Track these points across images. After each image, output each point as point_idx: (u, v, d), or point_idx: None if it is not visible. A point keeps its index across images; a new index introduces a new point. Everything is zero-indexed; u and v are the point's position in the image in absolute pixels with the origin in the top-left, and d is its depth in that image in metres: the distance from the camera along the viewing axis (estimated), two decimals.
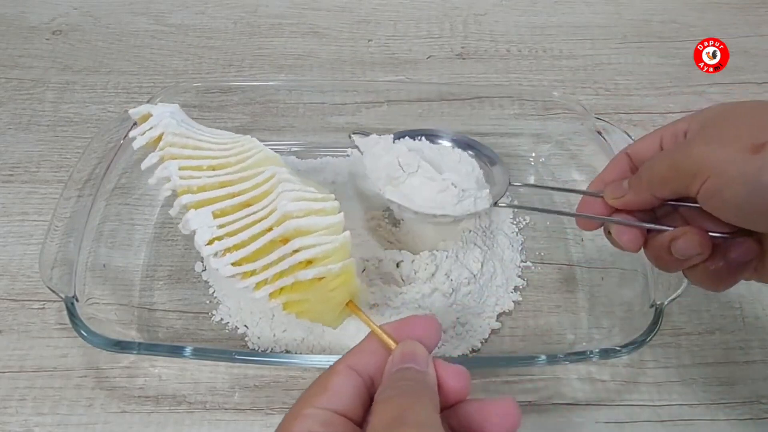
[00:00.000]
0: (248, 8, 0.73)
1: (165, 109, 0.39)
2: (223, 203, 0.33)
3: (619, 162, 0.37)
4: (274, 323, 0.44)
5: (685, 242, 0.32)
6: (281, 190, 0.32)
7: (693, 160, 0.31)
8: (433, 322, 0.28)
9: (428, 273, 0.44)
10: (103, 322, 0.41)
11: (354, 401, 0.25)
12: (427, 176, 0.43)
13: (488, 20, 0.73)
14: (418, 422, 0.22)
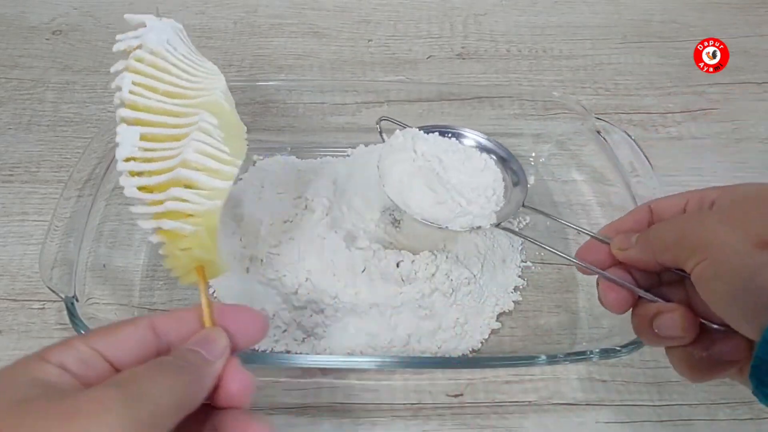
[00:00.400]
0: (248, 8, 0.73)
1: (161, 25, 0.39)
2: (155, 129, 0.33)
3: (639, 214, 0.35)
4: (274, 323, 0.44)
5: (668, 320, 0.30)
6: (194, 138, 0.32)
7: (698, 235, 0.29)
8: (259, 320, 0.28)
9: (428, 273, 0.44)
10: (103, 322, 0.41)
11: (131, 356, 0.25)
12: (428, 185, 0.42)
13: (488, 20, 0.73)
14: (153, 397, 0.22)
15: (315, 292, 0.43)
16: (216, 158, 0.32)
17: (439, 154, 0.44)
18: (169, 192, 0.30)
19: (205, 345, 0.26)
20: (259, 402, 0.42)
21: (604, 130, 0.50)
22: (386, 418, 0.42)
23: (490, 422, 0.42)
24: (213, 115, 0.34)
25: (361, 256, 0.44)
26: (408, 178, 0.42)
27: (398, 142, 0.44)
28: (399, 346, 0.43)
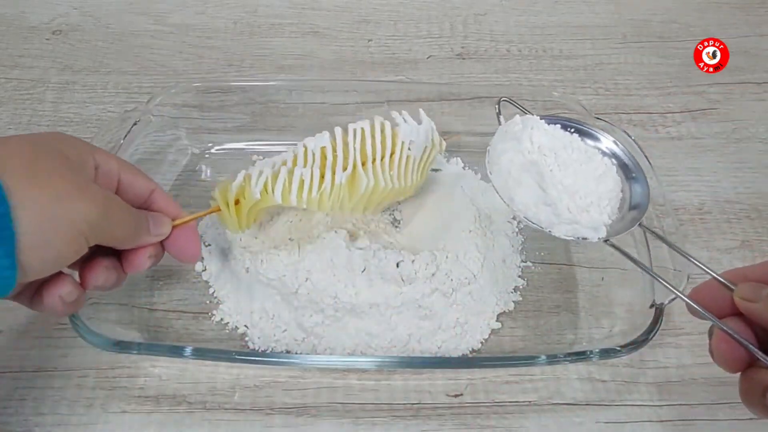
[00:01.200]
0: (248, 8, 0.73)
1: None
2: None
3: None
4: (273, 323, 0.44)
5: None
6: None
7: None
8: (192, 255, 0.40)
9: (428, 273, 0.44)
10: (103, 322, 0.41)
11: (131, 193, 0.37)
12: (538, 182, 0.39)
13: (488, 20, 0.73)
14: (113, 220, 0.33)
15: (315, 292, 0.43)
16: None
17: (557, 149, 0.40)
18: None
19: (157, 224, 0.37)
20: (259, 402, 0.42)
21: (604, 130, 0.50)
22: (386, 418, 0.42)
23: (490, 422, 0.42)
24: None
25: (361, 256, 0.44)
26: (517, 170, 0.39)
27: (514, 130, 0.41)
28: (399, 346, 0.43)
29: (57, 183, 0.30)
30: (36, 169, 0.30)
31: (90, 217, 0.31)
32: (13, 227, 0.28)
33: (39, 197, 0.29)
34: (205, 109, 0.56)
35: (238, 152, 0.57)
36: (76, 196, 0.31)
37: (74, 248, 0.31)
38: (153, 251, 0.37)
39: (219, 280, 0.47)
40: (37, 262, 0.30)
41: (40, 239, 0.29)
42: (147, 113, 0.51)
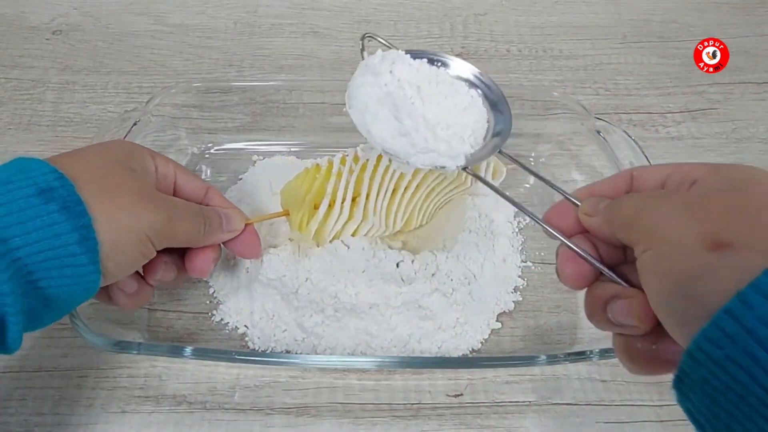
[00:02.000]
0: (248, 8, 0.73)
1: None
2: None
3: (618, 179, 0.32)
4: (273, 323, 0.44)
5: (624, 306, 0.27)
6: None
7: (652, 219, 0.26)
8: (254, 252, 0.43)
9: (428, 273, 0.44)
10: (103, 322, 0.41)
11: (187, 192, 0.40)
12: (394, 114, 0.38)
13: (488, 20, 0.73)
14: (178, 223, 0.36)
15: (315, 292, 0.43)
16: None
17: (420, 82, 0.40)
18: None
19: (230, 221, 0.40)
20: (259, 402, 0.42)
21: (604, 130, 0.50)
22: (386, 418, 0.42)
23: (490, 422, 0.42)
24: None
25: (361, 256, 0.44)
26: (374, 103, 0.39)
27: (374, 63, 0.40)
28: (399, 346, 0.43)
29: (125, 196, 0.34)
30: (108, 183, 0.34)
31: (155, 225, 0.34)
32: (96, 237, 0.31)
33: (111, 210, 0.32)
34: (205, 109, 0.56)
35: (238, 152, 0.57)
36: (142, 206, 0.34)
37: (140, 251, 0.34)
38: (216, 255, 0.40)
39: (219, 280, 0.47)
40: (113, 268, 0.33)
41: (114, 247, 0.32)
42: (147, 113, 0.51)
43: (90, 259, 0.31)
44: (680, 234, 0.24)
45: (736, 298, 0.21)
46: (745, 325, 0.21)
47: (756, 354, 0.21)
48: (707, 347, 0.22)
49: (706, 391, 0.23)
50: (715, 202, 0.25)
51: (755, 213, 0.24)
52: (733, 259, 0.23)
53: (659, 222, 0.26)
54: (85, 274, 0.31)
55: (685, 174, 0.29)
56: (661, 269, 0.25)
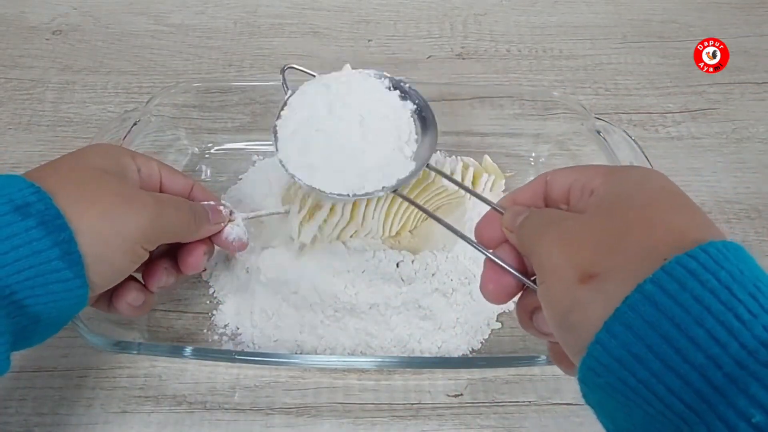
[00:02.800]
0: (248, 8, 0.73)
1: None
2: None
3: (536, 186, 0.32)
4: (273, 323, 0.44)
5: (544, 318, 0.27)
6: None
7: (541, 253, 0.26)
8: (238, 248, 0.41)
9: (428, 273, 0.44)
10: (103, 322, 0.41)
11: (173, 189, 0.39)
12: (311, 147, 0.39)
13: (488, 20, 0.73)
14: (168, 216, 0.35)
15: (315, 292, 0.43)
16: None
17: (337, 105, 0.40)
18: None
19: (214, 213, 0.39)
20: (259, 402, 0.42)
21: (604, 130, 0.50)
22: (386, 418, 0.42)
23: (490, 422, 0.42)
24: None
25: (361, 256, 0.44)
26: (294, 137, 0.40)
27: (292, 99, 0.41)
28: (399, 346, 0.43)
29: (107, 202, 0.32)
30: (88, 191, 0.32)
31: (142, 225, 0.33)
32: (79, 250, 0.30)
33: (93, 219, 0.31)
34: (205, 109, 0.56)
35: (238, 152, 0.57)
36: (124, 208, 0.33)
37: (130, 258, 0.33)
38: (207, 248, 0.39)
39: (219, 280, 0.47)
40: (99, 278, 0.32)
41: (101, 258, 0.31)
42: (147, 113, 0.51)
43: (75, 273, 0.30)
44: (558, 268, 0.25)
45: (603, 329, 0.22)
46: (614, 355, 0.22)
47: (628, 381, 0.22)
48: (590, 375, 0.23)
49: (603, 410, 0.24)
50: (591, 229, 0.26)
51: (622, 239, 0.24)
52: (599, 290, 0.23)
53: (544, 255, 0.26)
54: (71, 289, 0.30)
55: (585, 183, 0.29)
56: (548, 303, 0.26)
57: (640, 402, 0.22)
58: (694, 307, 0.21)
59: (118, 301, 0.37)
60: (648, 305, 0.21)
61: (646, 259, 0.23)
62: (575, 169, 0.30)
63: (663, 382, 0.21)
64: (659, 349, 0.21)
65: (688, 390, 0.20)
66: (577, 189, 0.29)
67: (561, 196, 0.30)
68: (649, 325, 0.21)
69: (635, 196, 0.26)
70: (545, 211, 0.30)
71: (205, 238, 0.39)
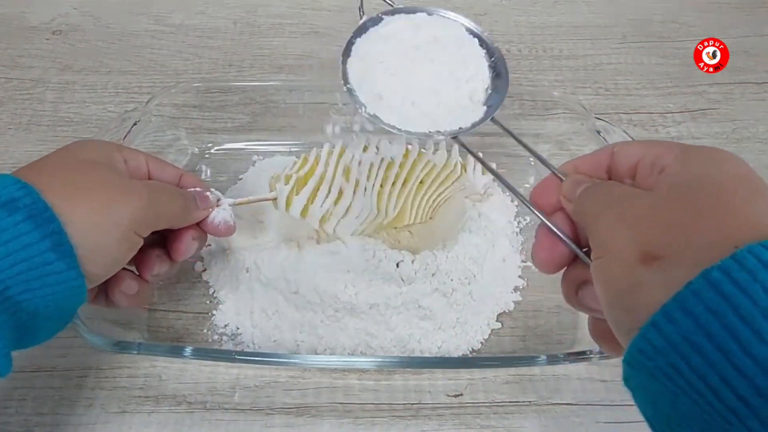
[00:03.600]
0: (248, 8, 0.73)
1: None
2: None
3: (600, 156, 0.31)
4: (273, 323, 0.44)
5: (591, 292, 0.28)
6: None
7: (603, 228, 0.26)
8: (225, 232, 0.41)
9: (428, 273, 0.44)
10: (103, 322, 0.41)
11: (162, 179, 0.39)
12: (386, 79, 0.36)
13: (488, 20, 0.73)
14: (161, 203, 0.35)
15: (315, 292, 0.43)
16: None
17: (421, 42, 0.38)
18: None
19: (201, 199, 0.39)
20: (259, 402, 0.42)
21: (604, 130, 0.50)
22: (386, 418, 0.42)
23: (490, 422, 0.42)
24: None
25: (361, 256, 0.44)
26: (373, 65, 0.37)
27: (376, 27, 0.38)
28: (399, 346, 0.43)
29: (97, 192, 0.32)
30: (76, 183, 0.32)
31: (135, 213, 0.33)
32: (70, 241, 0.30)
33: (83, 210, 0.31)
34: (205, 109, 0.56)
35: (238, 152, 0.57)
36: (116, 196, 0.33)
37: (126, 246, 0.33)
38: (195, 233, 0.39)
39: (219, 280, 0.47)
40: (95, 268, 0.32)
41: (92, 247, 0.31)
42: (147, 113, 0.51)
43: (68, 264, 0.30)
44: (620, 246, 0.24)
45: (661, 311, 0.22)
46: (670, 339, 0.21)
47: (681, 368, 0.21)
48: (639, 357, 0.23)
49: (646, 394, 0.24)
50: (660, 209, 0.25)
51: (692, 222, 0.23)
52: (661, 272, 0.23)
53: (606, 231, 0.26)
54: (66, 280, 0.30)
55: (656, 159, 0.28)
56: (603, 279, 0.25)
57: (690, 391, 0.21)
58: (763, 299, 0.20)
59: (112, 291, 0.36)
60: (713, 292, 0.21)
61: (716, 246, 0.22)
62: (646, 143, 0.29)
63: (719, 373, 0.20)
64: (720, 339, 0.20)
65: (745, 384, 0.20)
66: (647, 165, 0.28)
67: (627, 169, 0.29)
68: (711, 313, 0.20)
69: (709, 179, 0.25)
70: (611, 185, 0.29)
71: (194, 224, 0.39)
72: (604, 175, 0.31)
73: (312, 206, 0.44)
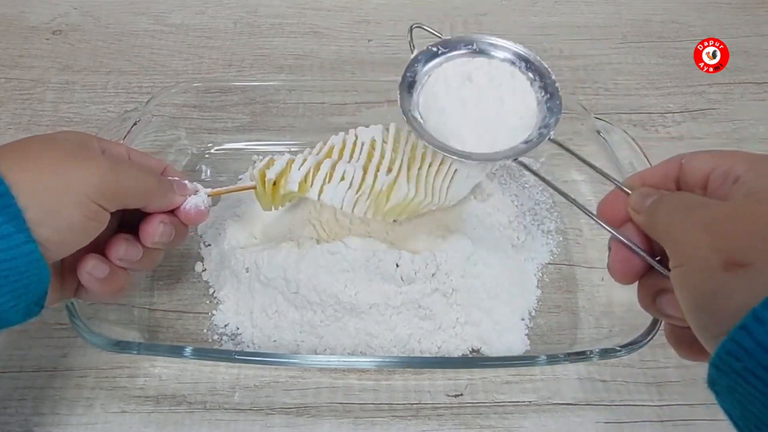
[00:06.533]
0: (248, 8, 0.73)
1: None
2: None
3: (669, 166, 0.32)
4: (273, 323, 0.44)
5: (670, 301, 0.29)
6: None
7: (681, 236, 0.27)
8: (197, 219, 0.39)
9: (428, 273, 0.44)
10: (103, 322, 0.41)
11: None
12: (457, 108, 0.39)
13: (489, 20, 0.73)
14: (124, 177, 0.34)
15: (315, 292, 0.43)
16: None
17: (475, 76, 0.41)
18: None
19: (179, 186, 0.38)
20: (259, 402, 0.42)
21: (604, 130, 0.50)
22: (386, 418, 0.42)
23: (490, 422, 0.42)
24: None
25: (361, 256, 0.44)
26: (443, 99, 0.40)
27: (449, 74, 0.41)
28: (399, 346, 0.43)
29: (49, 157, 0.31)
30: (27, 151, 0.32)
31: (94, 182, 0.32)
32: (17, 204, 0.29)
33: (34, 173, 0.30)
34: (205, 109, 0.56)
35: (238, 152, 0.57)
36: (73, 164, 0.32)
37: (84, 213, 0.32)
38: (166, 218, 0.37)
39: (219, 280, 0.47)
40: (52, 234, 0.30)
41: (44, 211, 0.30)
42: (147, 113, 0.51)
43: (16, 227, 0.29)
44: (701, 254, 0.25)
45: (750, 314, 0.22)
46: (759, 340, 0.22)
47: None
48: (727, 359, 0.23)
49: (735, 396, 0.24)
50: (740, 216, 0.25)
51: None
52: (748, 279, 0.23)
53: (685, 239, 0.26)
54: (18, 245, 0.29)
55: (729, 169, 0.28)
56: (685, 286, 0.26)
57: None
58: None
59: (80, 272, 0.35)
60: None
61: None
62: (715, 154, 0.30)
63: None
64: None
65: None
66: (719, 175, 0.29)
67: (699, 180, 0.30)
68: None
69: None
70: (685, 195, 0.30)
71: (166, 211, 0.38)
72: (673, 186, 0.32)
73: (290, 172, 0.42)
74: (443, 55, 0.42)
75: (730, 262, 0.24)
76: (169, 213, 0.38)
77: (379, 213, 0.43)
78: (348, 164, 0.43)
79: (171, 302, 0.47)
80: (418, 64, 0.42)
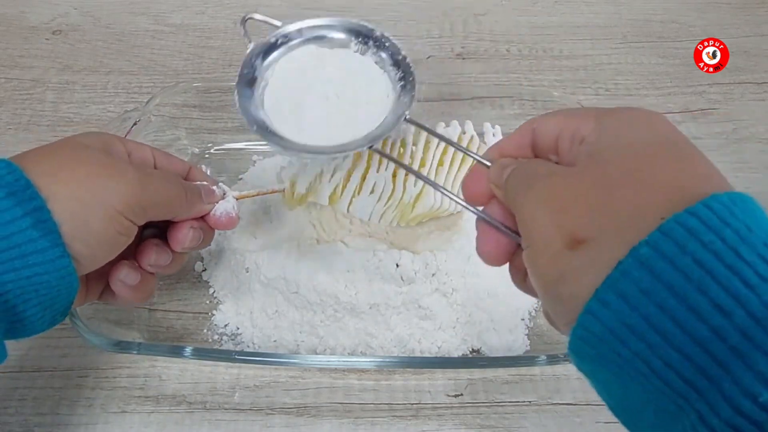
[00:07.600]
0: (248, 8, 0.73)
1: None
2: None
3: (522, 134, 0.29)
4: (273, 323, 0.44)
5: None
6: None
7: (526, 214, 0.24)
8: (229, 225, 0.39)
9: (428, 273, 0.44)
10: (103, 322, 0.41)
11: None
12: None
13: (488, 20, 0.73)
14: (153, 188, 0.33)
15: (315, 292, 0.43)
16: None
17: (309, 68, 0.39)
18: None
19: (207, 192, 0.37)
20: (259, 402, 0.42)
21: None
22: (386, 418, 0.42)
23: (490, 422, 0.42)
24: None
25: (362, 256, 0.44)
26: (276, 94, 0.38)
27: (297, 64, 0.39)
28: (399, 346, 0.43)
29: (81, 170, 0.31)
30: (63, 161, 0.31)
31: (125, 195, 0.31)
32: (53, 218, 0.28)
33: (68, 186, 0.30)
34: (205, 109, 0.56)
35: (238, 152, 0.57)
36: (103, 175, 0.31)
37: (115, 228, 0.31)
38: (196, 223, 0.37)
39: (219, 280, 0.47)
40: (82, 247, 0.30)
41: (80, 225, 0.30)
42: (147, 113, 0.51)
43: (51, 242, 0.28)
44: (544, 232, 0.23)
45: (594, 298, 0.20)
46: (607, 325, 0.20)
47: (622, 354, 0.20)
48: (580, 346, 0.22)
49: (598, 382, 0.23)
50: (579, 186, 0.23)
51: (613, 197, 0.22)
52: (589, 256, 0.21)
53: (528, 216, 0.24)
54: (52, 260, 0.28)
55: (575, 130, 0.25)
56: (533, 269, 0.24)
57: (636, 376, 0.20)
58: (695, 271, 0.19)
59: (113, 281, 0.35)
60: (643, 271, 0.19)
61: (642, 220, 0.20)
62: (565, 113, 0.27)
63: (660, 356, 0.19)
64: (656, 319, 0.19)
65: (688, 365, 0.19)
66: (567, 137, 0.26)
67: (549, 145, 0.27)
68: (644, 294, 0.19)
69: (628, 146, 0.23)
70: (531, 164, 0.27)
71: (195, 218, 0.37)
72: (530, 154, 0.28)
73: (320, 185, 0.40)
74: (283, 45, 0.40)
75: (573, 240, 0.21)
76: (198, 218, 0.38)
77: (404, 221, 0.42)
78: (378, 175, 0.41)
79: (171, 302, 0.47)
80: (256, 58, 0.39)
